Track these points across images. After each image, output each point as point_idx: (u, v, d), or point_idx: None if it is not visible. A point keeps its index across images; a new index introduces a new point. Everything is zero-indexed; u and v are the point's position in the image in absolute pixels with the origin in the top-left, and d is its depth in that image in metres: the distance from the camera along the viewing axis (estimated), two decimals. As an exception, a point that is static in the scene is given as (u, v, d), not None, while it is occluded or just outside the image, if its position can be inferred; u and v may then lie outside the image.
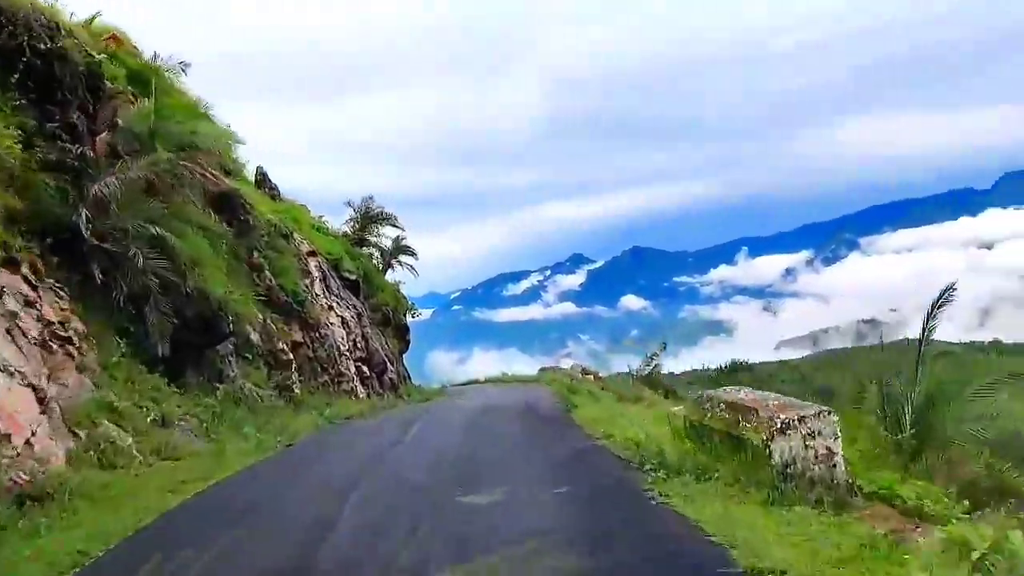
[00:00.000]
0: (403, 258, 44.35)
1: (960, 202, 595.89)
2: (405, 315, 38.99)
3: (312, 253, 20.31)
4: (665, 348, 48.30)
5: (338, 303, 20.48)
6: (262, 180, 25.97)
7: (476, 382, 44.16)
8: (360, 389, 20.49)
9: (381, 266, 40.50)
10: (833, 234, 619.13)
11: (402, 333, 35.83)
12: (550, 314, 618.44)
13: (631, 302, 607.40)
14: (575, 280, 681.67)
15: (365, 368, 21.61)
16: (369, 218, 39.16)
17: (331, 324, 18.83)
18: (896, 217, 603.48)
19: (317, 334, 17.74)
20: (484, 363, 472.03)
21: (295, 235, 19.57)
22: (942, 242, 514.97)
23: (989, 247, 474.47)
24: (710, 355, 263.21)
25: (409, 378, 35.78)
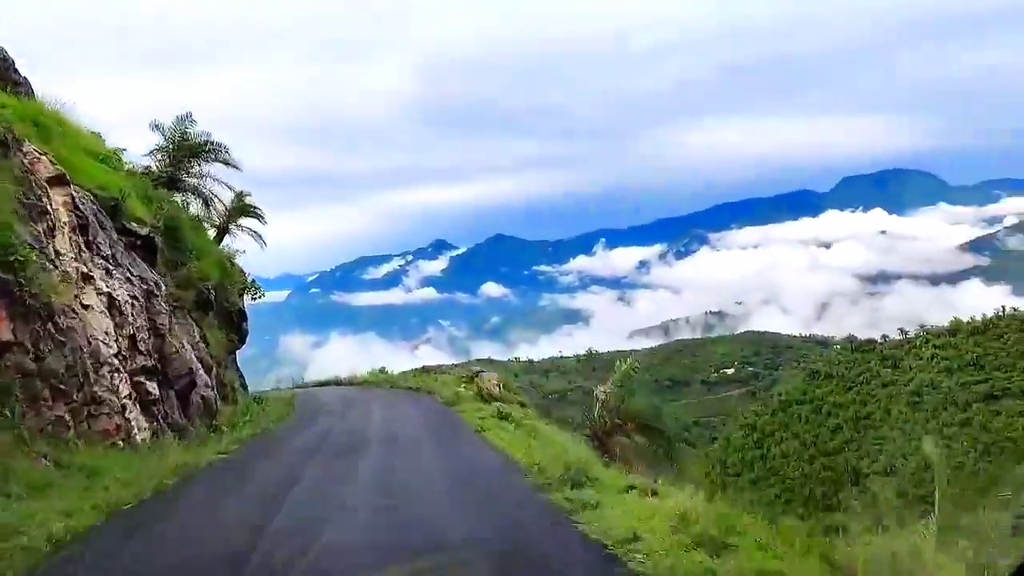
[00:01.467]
0: (246, 221, 31.19)
1: (802, 203, 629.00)
2: (241, 296, 28.01)
3: (61, 182, 11.12)
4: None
5: (107, 272, 11.59)
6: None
7: (338, 383, 38.91)
8: (139, 424, 11.28)
9: (213, 224, 28.88)
10: (685, 229, 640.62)
11: (234, 322, 24.69)
12: (410, 299, 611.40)
13: (492, 289, 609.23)
14: (437, 266, 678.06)
15: (152, 385, 12.21)
16: (186, 148, 25.42)
17: (85, 308, 10.23)
18: (743, 215, 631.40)
19: (51, 326, 9.28)
20: (342, 348, 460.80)
21: (25, 146, 10.49)
22: (784, 240, 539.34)
23: (827, 246, 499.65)
24: (567, 343, 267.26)
25: (244, 386, 25.65)
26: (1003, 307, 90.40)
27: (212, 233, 28.91)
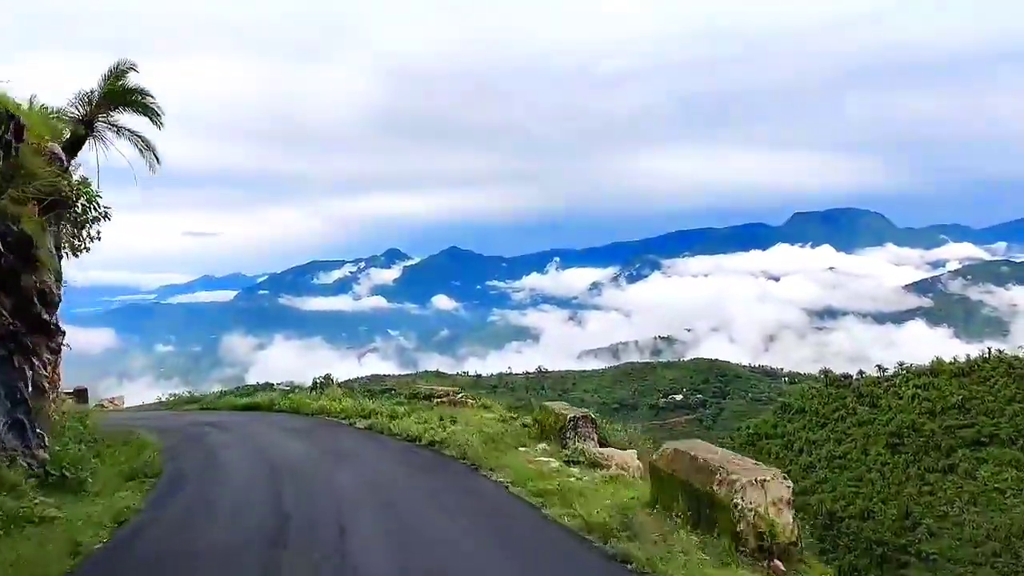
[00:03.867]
0: (126, 118, 19.50)
1: (753, 236, 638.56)
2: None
3: None
4: None
5: None
6: None
7: (257, 407, 28.74)
8: None
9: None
10: (638, 254, 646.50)
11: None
12: (360, 307, 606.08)
13: (442, 302, 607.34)
14: (389, 275, 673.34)
15: None
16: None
17: None
18: (696, 243, 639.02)
19: None
20: (286, 352, 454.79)
21: None
22: (735, 271, 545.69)
23: (776, 279, 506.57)
24: (516, 360, 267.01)
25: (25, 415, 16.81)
26: (988, 349, 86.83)
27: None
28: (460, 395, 27.00)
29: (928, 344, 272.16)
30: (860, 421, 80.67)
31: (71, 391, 32.39)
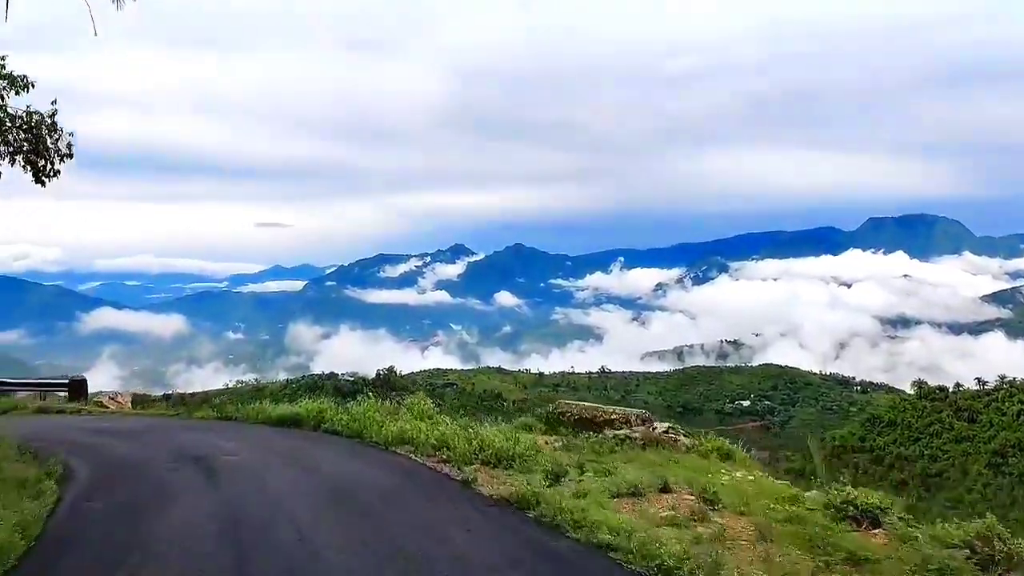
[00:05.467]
0: None
1: (826, 240, 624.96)
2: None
3: None
4: None
5: None
6: None
7: (297, 422, 19.01)
8: None
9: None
10: (705, 255, 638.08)
11: None
12: (424, 300, 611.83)
13: (505, 298, 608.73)
14: (454, 270, 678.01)
15: None
16: None
17: None
18: (765, 246, 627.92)
19: None
20: (350, 342, 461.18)
21: None
22: (805, 275, 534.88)
23: (848, 285, 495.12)
24: (579, 359, 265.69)
25: None
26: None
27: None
28: (647, 425, 16.84)
29: (1008, 357, 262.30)
30: (958, 437, 76.02)
31: (65, 381, 27.18)
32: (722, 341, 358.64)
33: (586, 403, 19.18)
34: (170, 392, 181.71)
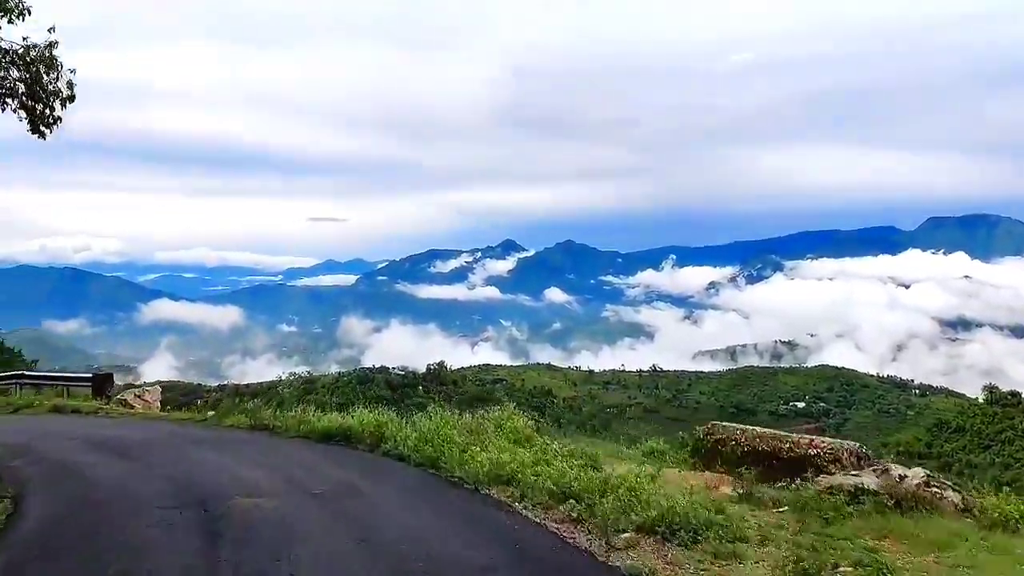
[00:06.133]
0: None
1: (883, 239, 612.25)
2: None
3: None
4: None
5: None
6: None
7: (347, 437, 15.38)
8: None
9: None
10: (759, 254, 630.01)
11: None
12: (474, 296, 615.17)
13: (555, 295, 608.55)
14: (504, 266, 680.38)
15: None
16: None
17: None
18: (821, 245, 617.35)
19: None
20: (401, 336, 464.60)
21: None
22: (862, 275, 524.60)
23: (906, 286, 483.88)
24: (629, 357, 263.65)
25: None
26: None
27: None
28: (875, 469, 10.99)
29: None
30: (1032, 444, 72.11)
31: (88, 376, 25.38)
32: (776, 341, 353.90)
33: (758, 428, 13.40)
34: (224, 383, 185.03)
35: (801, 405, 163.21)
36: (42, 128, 12.82)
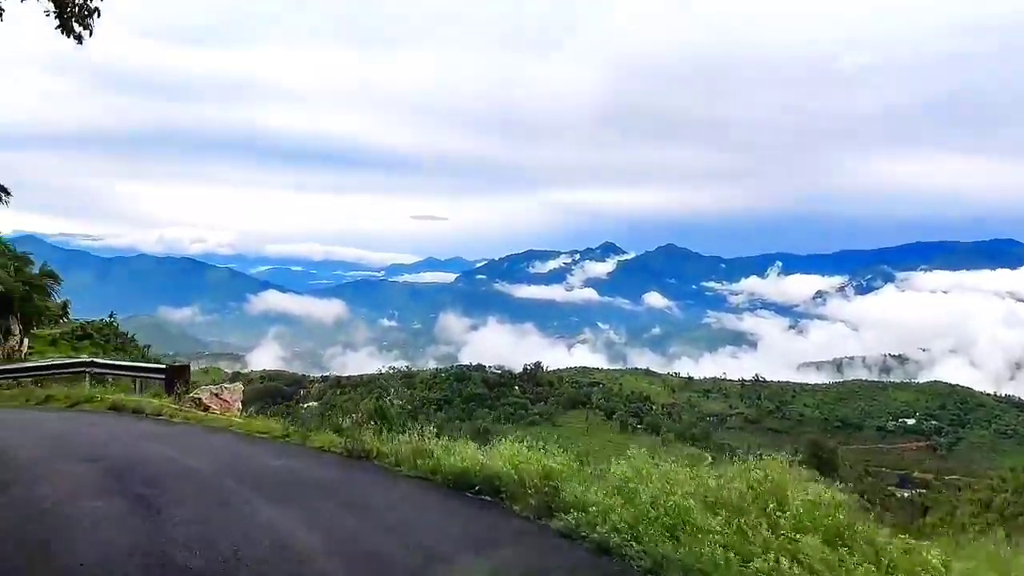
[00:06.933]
0: None
1: (1002, 252, 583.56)
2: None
3: None
4: None
5: None
6: None
7: (496, 490, 8.94)
8: None
9: None
10: (870, 263, 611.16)
11: None
12: (571, 297, 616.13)
13: (655, 299, 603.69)
14: (603, 268, 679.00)
15: None
16: None
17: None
18: (935, 256, 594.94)
19: None
20: (497, 335, 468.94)
21: None
22: (979, 289, 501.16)
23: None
24: (731, 365, 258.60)
25: None
26: None
27: None
28: None
29: None
30: None
31: (161, 368, 22.05)
32: (885, 355, 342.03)
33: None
34: (326, 374, 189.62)
35: (911, 422, 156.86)
36: (72, 25, 10.43)
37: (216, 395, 18.69)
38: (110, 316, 71.45)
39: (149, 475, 9.85)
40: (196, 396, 18.74)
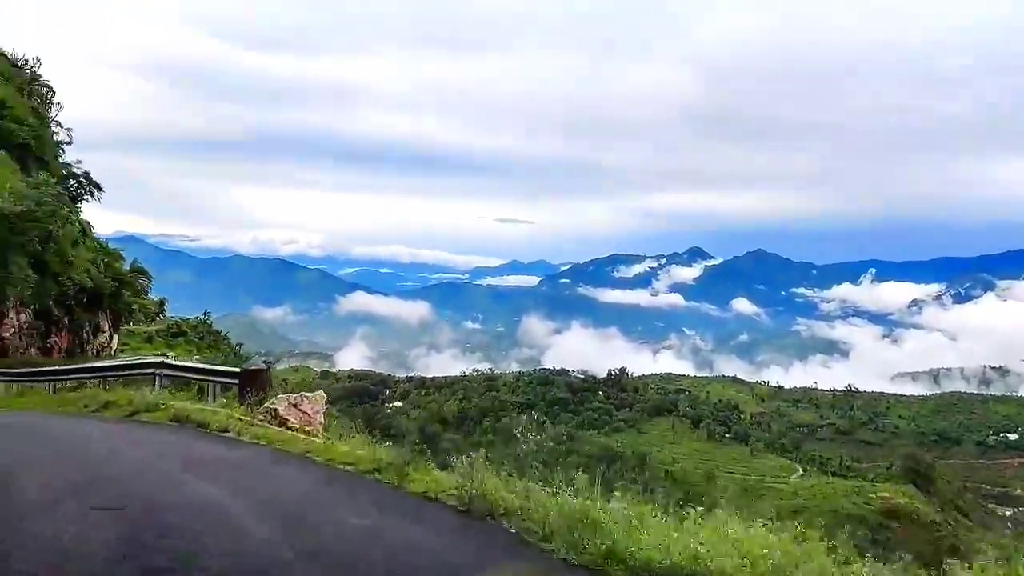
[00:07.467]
0: None
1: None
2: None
3: None
4: None
5: None
6: None
7: None
8: None
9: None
10: (969, 271, 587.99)
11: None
12: (656, 302, 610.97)
13: (743, 305, 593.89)
14: (690, 273, 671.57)
15: None
16: None
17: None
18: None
19: None
20: (581, 339, 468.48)
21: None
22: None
23: None
24: (822, 374, 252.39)
25: None
26: None
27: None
28: None
29: None
30: None
31: (234, 372, 18.02)
32: (985, 366, 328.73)
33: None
34: (411, 375, 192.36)
35: (1013, 437, 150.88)
36: None
37: (295, 406, 16.03)
38: (204, 314, 74.95)
39: (179, 538, 6.66)
40: (272, 407, 16.02)
